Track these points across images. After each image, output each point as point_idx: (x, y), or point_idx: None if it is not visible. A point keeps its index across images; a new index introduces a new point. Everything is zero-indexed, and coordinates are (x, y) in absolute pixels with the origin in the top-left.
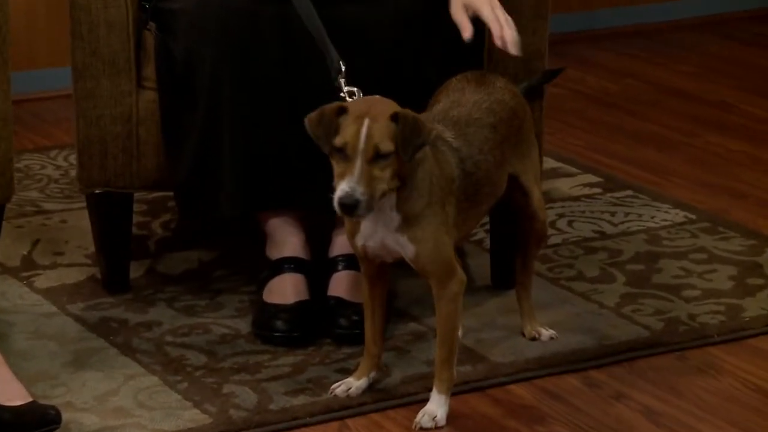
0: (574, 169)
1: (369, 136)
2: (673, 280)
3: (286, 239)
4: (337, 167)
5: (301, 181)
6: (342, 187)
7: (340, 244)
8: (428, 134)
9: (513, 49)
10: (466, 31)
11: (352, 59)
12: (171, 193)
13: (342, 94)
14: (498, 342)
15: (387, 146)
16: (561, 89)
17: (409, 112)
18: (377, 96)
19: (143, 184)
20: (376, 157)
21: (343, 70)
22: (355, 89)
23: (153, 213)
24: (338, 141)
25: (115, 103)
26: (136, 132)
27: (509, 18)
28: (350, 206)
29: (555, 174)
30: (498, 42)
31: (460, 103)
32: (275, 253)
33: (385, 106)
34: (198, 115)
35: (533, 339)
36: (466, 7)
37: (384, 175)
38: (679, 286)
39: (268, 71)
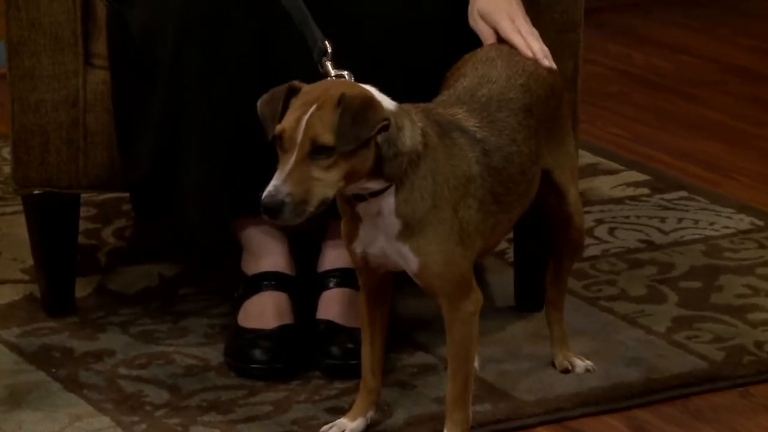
0: (615, 165)
1: (308, 125)
2: (737, 300)
3: (266, 250)
4: (279, 160)
5: None
6: (268, 187)
7: (331, 257)
8: (375, 125)
9: (547, 61)
10: (489, 41)
11: (339, 38)
12: (126, 195)
13: (330, 79)
14: (523, 375)
15: (328, 139)
16: (600, 67)
17: (360, 95)
18: (344, 79)
19: (92, 183)
20: (315, 152)
21: (329, 50)
22: (345, 73)
23: (104, 218)
24: (277, 128)
25: (58, 85)
26: (84, 120)
27: (534, 29)
28: (273, 210)
29: (593, 171)
30: (528, 53)
31: (491, 79)
32: (252, 267)
33: (342, 90)
34: (158, 99)
35: (566, 371)
36: (483, 18)
37: (327, 176)
38: (743, 307)
39: (241, 48)
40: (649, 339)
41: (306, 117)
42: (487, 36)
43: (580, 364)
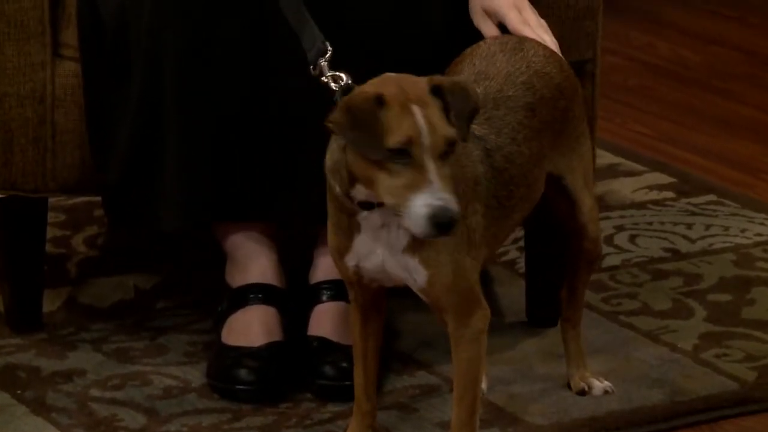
0: (637, 166)
1: (432, 126)
2: None
3: (253, 260)
4: (396, 177)
5: (271, 184)
6: (428, 202)
7: (324, 267)
8: (477, 99)
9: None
10: None
11: (336, 38)
12: (98, 199)
13: (324, 80)
14: (536, 397)
15: (453, 133)
16: (621, 59)
17: (442, 77)
18: (393, 74)
19: (61, 186)
20: (447, 151)
21: (329, 52)
22: (343, 74)
23: (74, 225)
24: (395, 140)
25: (23, 78)
26: (52, 116)
27: (542, 21)
28: (448, 225)
29: (612, 173)
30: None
31: (489, 76)
32: (238, 278)
33: (412, 79)
34: (134, 91)
35: (582, 393)
36: (488, 13)
37: (452, 174)
38: None
39: (225, 35)
40: (674, 358)
41: (420, 118)
42: (492, 35)
43: (598, 385)
